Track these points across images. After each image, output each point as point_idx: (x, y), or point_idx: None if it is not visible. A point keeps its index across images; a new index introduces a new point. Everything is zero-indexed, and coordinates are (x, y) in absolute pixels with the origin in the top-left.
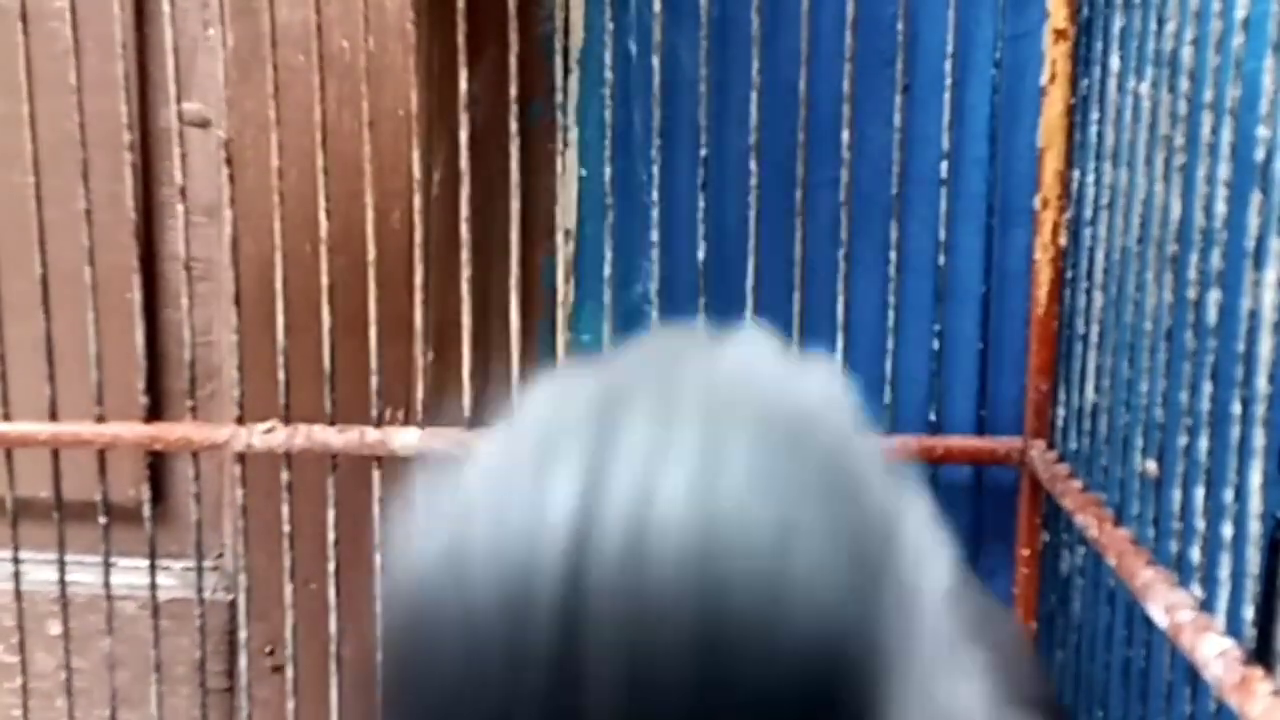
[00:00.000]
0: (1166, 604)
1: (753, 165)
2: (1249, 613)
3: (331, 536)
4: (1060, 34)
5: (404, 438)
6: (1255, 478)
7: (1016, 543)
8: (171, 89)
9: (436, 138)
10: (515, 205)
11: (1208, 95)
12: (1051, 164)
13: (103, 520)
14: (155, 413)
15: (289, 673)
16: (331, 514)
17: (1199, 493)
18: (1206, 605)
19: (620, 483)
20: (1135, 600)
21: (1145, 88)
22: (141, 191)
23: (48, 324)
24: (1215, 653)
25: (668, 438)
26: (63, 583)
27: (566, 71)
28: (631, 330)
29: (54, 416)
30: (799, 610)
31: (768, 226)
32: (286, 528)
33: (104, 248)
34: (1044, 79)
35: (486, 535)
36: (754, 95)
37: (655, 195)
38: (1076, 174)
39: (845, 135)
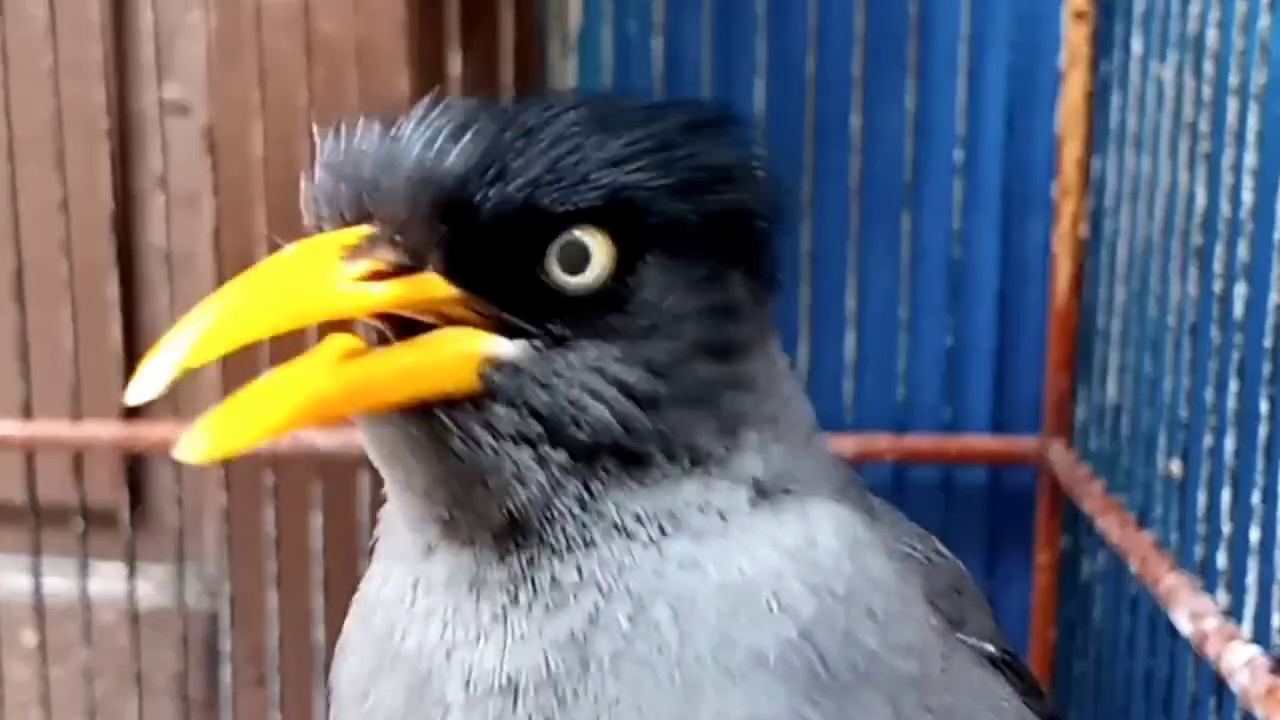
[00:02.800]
0: (1191, 611)
1: None
2: (1277, 620)
3: (319, 543)
4: (1080, 15)
5: None
6: None
7: (1035, 547)
8: (151, 73)
9: None
10: None
11: (1234, 79)
12: (1071, 151)
13: (80, 525)
14: (133, 411)
15: (273, 685)
16: (318, 519)
17: (1225, 494)
18: (1233, 612)
19: None
20: (1159, 607)
21: (1169, 71)
22: (119, 180)
23: (22, 318)
24: (1241, 661)
25: None
26: (38, 590)
27: (563, 54)
28: None
29: (28, 414)
30: None
31: None
32: (271, 533)
33: (80, 239)
34: (1062, 62)
35: None
36: (759, 79)
37: None
38: (1097, 162)
39: (855, 120)
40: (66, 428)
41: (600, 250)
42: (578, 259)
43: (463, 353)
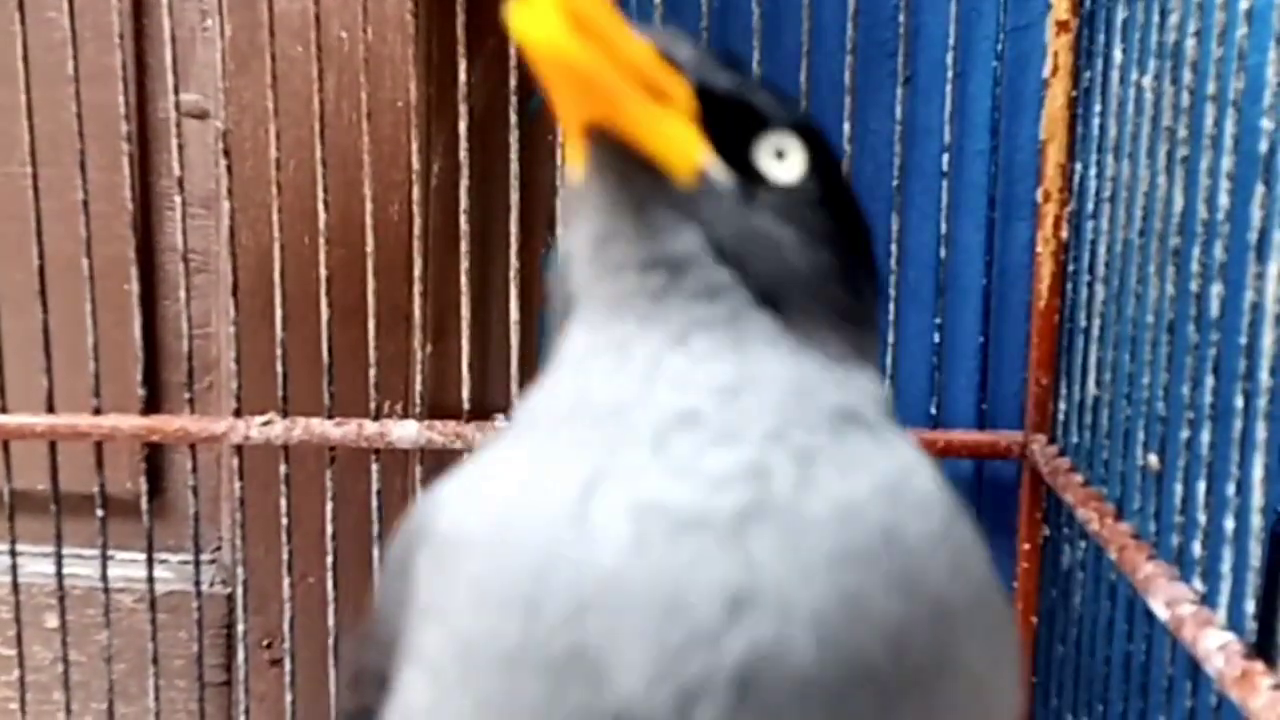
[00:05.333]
0: (1168, 598)
1: None
2: (1250, 606)
3: (330, 529)
4: (1062, 26)
5: (402, 430)
6: (1257, 471)
7: (1017, 537)
8: (169, 79)
9: (435, 129)
10: (515, 197)
11: (1211, 87)
12: (1053, 156)
13: (100, 513)
14: (153, 405)
15: (287, 666)
16: (329, 507)
17: (1201, 486)
18: (1208, 599)
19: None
20: (1136, 594)
21: (1148, 80)
22: (139, 182)
23: (45, 316)
24: (1216, 646)
25: None
26: (60, 575)
27: None
28: None
29: (51, 409)
30: None
31: None
32: (284, 520)
33: (101, 239)
34: (1046, 71)
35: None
36: None
37: None
38: (1078, 166)
39: (847, 127)
40: (88, 420)
41: (798, 155)
42: (780, 154)
43: (691, 142)
